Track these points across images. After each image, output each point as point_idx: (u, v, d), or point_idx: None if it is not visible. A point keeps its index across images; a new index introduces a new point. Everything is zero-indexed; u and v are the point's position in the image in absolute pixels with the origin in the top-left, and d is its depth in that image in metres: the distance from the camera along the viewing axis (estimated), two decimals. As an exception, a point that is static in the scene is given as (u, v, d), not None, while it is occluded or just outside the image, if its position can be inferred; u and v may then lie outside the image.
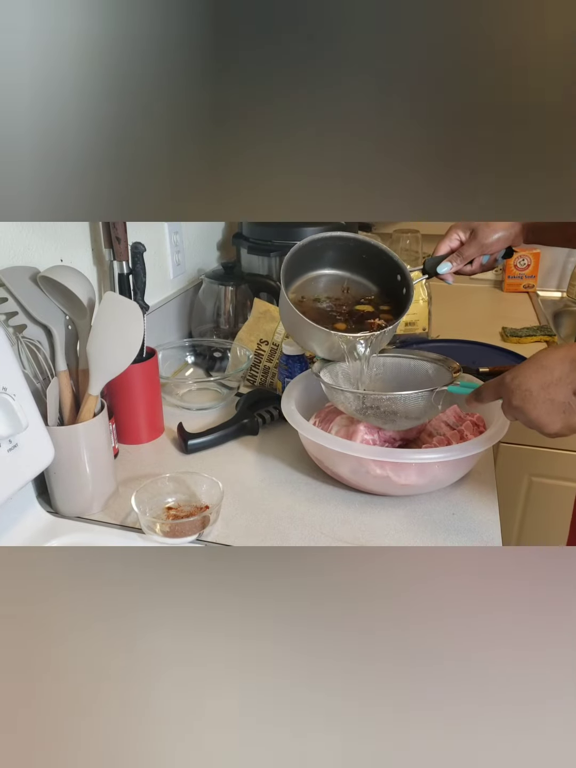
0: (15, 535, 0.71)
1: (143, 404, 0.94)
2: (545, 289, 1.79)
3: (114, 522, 0.77)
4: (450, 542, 0.72)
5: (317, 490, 0.83)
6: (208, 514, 0.73)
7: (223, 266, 1.27)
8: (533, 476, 1.35)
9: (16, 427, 0.62)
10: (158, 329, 1.17)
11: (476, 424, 0.84)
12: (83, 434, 0.73)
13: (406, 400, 0.75)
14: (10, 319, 0.72)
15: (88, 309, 0.73)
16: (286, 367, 1.01)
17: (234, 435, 0.95)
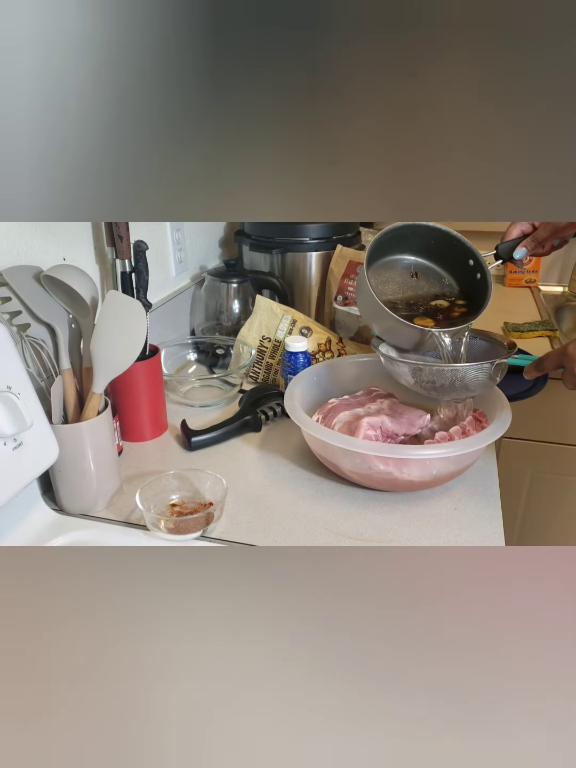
0: (20, 533, 0.72)
1: (147, 402, 0.94)
2: (547, 284, 1.79)
3: (118, 519, 0.77)
4: (452, 537, 0.73)
5: (320, 486, 0.84)
6: (212, 510, 0.73)
7: (225, 263, 1.28)
8: (535, 471, 1.35)
9: (20, 425, 0.62)
10: (161, 327, 1.17)
11: (478, 420, 0.84)
12: (87, 432, 0.74)
13: (467, 372, 0.77)
14: (13, 318, 0.72)
15: (91, 307, 0.74)
16: (289, 363, 1.02)
17: (237, 432, 0.96)
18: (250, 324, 1.15)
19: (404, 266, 0.90)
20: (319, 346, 1.10)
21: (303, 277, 1.31)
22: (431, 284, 0.89)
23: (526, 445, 1.32)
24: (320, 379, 0.96)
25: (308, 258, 1.29)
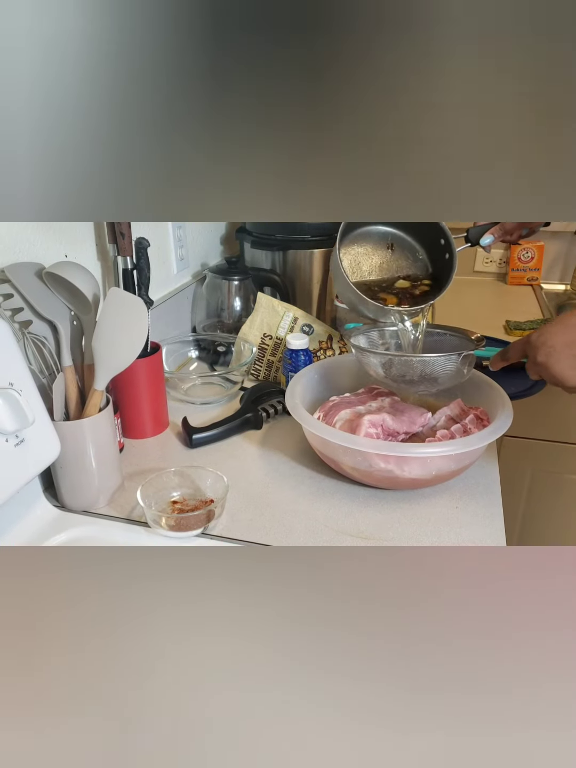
0: (22, 530, 0.72)
1: (148, 399, 0.94)
2: (549, 282, 1.78)
3: (120, 516, 0.77)
4: (453, 535, 0.73)
5: (321, 484, 0.84)
6: (213, 507, 0.73)
7: (226, 261, 1.28)
8: (536, 469, 1.35)
9: (22, 422, 0.62)
10: (162, 324, 1.17)
11: (480, 418, 0.84)
12: (89, 429, 0.74)
13: (435, 363, 0.79)
14: (15, 315, 0.72)
15: (93, 304, 0.74)
16: (290, 361, 1.02)
17: (238, 429, 0.96)
18: (251, 321, 1.15)
19: (381, 235, 0.91)
20: (320, 343, 1.10)
21: (304, 274, 1.31)
22: (405, 257, 0.91)
23: (527, 443, 1.32)
24: (321, 377, 0.96)
25: (310, 255, 1.29)
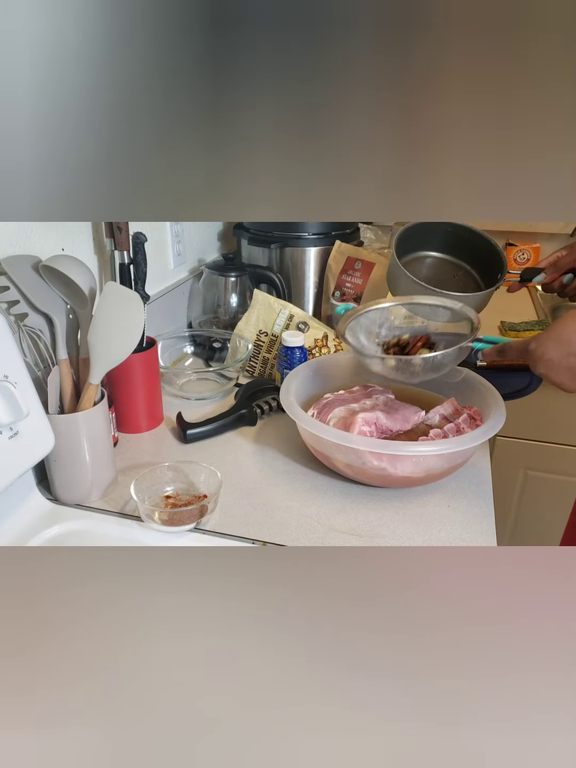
0: (14, 522, 0.72)
1: (143, 393, 0.94)
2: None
3: (113, 510, 0.78)
4: (444, 534, 0.73)
5: (314, 481, 0.84)
6: (206, 503, 0.74)
7: (223, 257, 1.28)
8: (528, 470, 1.36)
9: (17, 414, 0.62)
10: (158, 319, 1.17)
11: (473, 418, 0.84)
12: (83, 423, 0.74)
13: (434, 360, 0.80)
14: (11, 308, 0.72)
15: (89, 298, 0.74)
16: (285, 358, 1.02)
17: (232, 425, 0.96)
18: (247, 318, 1.15)
19: (440, 264, 0.93)
20: (315, 341, 1.10)
21: (301, 272, 1.31)
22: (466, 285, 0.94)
23: (519, 443, 1.33)
24: (316, 375, 0.97)
25: (307, 253, 1.29)
